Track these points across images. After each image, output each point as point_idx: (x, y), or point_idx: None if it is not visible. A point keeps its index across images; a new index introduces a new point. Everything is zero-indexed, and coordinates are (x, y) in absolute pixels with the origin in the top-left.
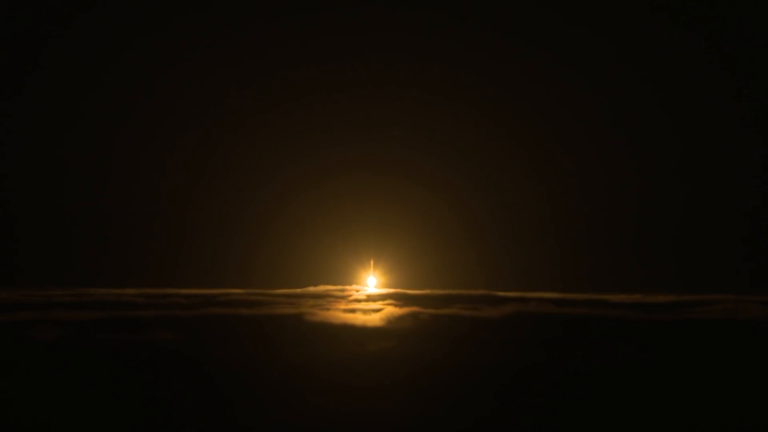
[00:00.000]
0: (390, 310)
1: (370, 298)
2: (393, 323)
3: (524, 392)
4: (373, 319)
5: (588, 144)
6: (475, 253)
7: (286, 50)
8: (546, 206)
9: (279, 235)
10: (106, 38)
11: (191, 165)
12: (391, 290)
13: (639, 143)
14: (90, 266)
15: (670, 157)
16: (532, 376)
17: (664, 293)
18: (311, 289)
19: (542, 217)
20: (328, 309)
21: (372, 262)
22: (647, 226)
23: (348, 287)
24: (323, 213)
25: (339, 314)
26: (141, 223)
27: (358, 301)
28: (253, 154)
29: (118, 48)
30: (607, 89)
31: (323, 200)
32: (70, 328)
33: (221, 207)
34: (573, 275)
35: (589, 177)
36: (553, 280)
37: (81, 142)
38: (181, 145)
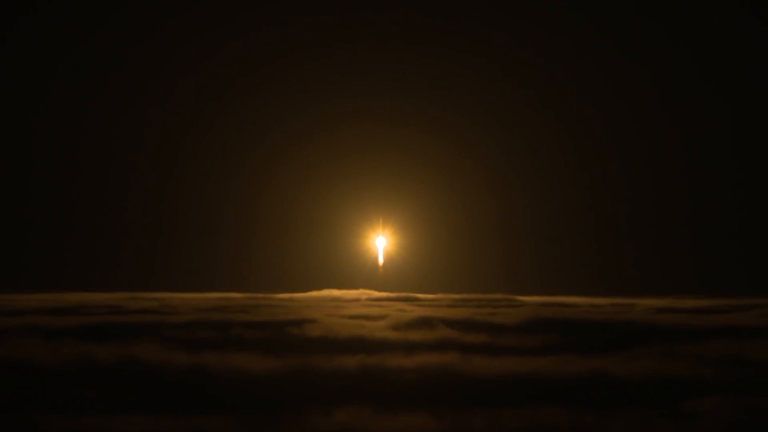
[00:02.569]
0: (398, 315)
1: (378, 303)
2: (401, 330)
3: (548, 405)
4: (379, 326)
5: (637, 139)
6: (495, 252)
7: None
8: (580, 204)
9: (275, 201)
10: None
11: (167, 145)
12: (401, 294)
13: (689, 147)
14: (75, 269)
15: (712, 161)
16: (548, 387)
17: (696, 297)
18: (314, 293)
19: (576, 215)
20: (331, 315)
21: (381, 221)
22: (677, 229)
23: (353, 291)
24: (326, 169)
25: (344, 321)
26: (124, 222)
27: (366, 306)
28: (247, 110)
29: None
30: (661, 76)
31: (323, 155)
32: (51, 336)
33: (208, 186)
34: (599, 279)
35: (630, 175)
36: (578, 284)
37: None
38: (156, 123)
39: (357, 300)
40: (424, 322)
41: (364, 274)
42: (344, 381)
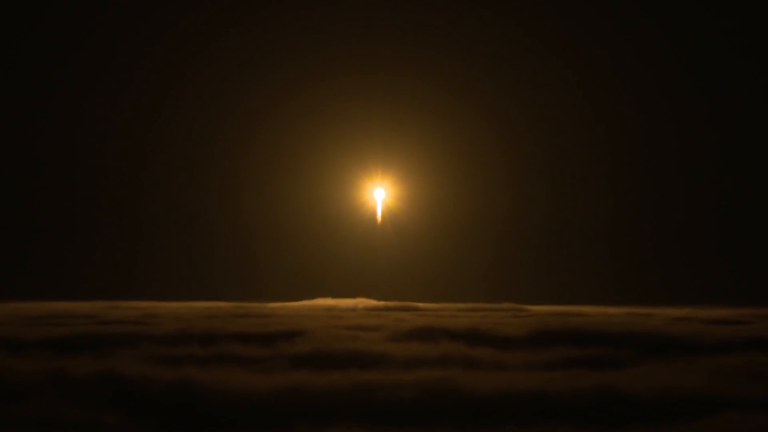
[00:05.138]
0: (397, 325)
1: (376, 312)
2: (399, 342)
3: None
4: (376, 338)
5: (663, 135)
6: (502, 258)
7: None
8: (595, 205)
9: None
10: None
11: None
12: (401, 303)
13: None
14: (47, 276)
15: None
16: (557, 404)
17: (716, 306)
18: (307, 302)
19: (590, 217)
20: (324, 326)
21: (380, 171)
22: (698, 233)
23: (349, 300)
24: (318, 121)
25: (338, 332)
26: (100, 224)
27: (362, 316)
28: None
29: None
30: (698, 64)
31: (315, 105)
32: (20, 349)
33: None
34: (614, 287)
35: (651, 174)
36: (591, 292)
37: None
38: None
39: (353, 309)
40: (425, 333)
41: (362, 230)
42: (335, 398)
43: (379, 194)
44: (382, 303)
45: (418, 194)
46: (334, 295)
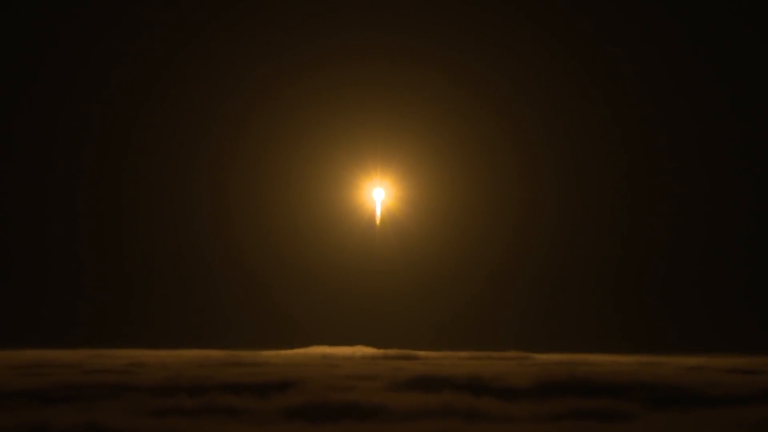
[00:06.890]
0: (395, 374)
1: (375, 361)
2: (397, 392)
3: None
4: (373, 387)
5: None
6: (507, 304)
7: None
8: (605, 248)
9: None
10: None
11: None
12: (400, 351)
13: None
14: (29, 323)
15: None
16: None
17: (732, 355)
18: (302, 350)
19: (600, 261)
20: (320, 374)
21: (379, 170)
22: (714, 279)
23: (346, 348)
24: (313, 112)
25: (334, 381)
26: (83, 268)
27: (360, 365)
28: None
29: None
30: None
31: (308, 98)
32: (0, 399)
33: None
34: (624, 334)
35: (666, 215)
36: (600, 339)
37: None
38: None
39: (350, 358)
40: (424, 383)
41: (359, 237)
42: None
43: (379, 194)
44: (381, 351)
45: (421, 195)
46: (331, 343)
